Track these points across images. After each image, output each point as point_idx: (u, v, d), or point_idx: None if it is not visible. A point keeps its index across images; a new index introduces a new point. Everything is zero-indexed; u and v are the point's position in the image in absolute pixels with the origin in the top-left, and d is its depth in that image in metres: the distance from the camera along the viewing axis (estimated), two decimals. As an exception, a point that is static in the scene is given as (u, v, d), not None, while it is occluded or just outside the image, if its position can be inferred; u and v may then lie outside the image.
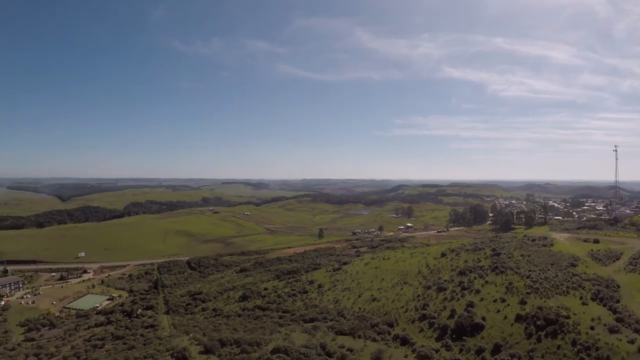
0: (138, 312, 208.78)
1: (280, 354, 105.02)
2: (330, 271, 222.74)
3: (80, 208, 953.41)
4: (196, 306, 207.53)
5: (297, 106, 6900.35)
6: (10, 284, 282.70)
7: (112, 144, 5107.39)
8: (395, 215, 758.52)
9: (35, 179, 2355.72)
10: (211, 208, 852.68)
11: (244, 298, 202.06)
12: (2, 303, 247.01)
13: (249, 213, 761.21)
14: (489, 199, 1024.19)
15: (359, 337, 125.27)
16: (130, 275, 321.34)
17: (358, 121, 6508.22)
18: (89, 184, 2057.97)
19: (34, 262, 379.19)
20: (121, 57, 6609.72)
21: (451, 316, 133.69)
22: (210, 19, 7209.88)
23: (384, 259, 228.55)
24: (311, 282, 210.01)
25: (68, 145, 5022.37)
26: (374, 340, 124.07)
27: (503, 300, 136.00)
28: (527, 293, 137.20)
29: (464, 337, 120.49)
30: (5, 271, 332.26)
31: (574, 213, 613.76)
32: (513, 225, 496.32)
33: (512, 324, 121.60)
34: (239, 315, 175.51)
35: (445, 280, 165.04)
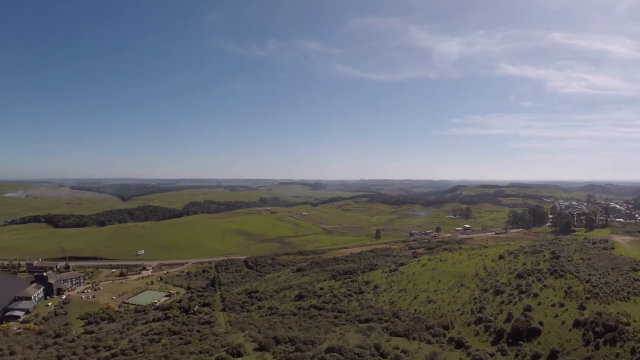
0: (195, 309, 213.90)
1: (334, 353, 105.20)
2: (386, 272, 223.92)
3: (140, 207, 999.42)
4: (252, 304, 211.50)
5: (354, 106, 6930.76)
6: (71, 279, 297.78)
7: (172, 145, 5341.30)
8: (452, 217, 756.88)
9: (97, 180, 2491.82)
10: (269, 208, 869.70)
11: (299, 297, 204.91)
12: (64, 297, 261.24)
13: (306, 213, 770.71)
14: (548, 200, 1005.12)
15: (414, 338, 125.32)
16: (188, 273, 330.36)
17: (415, 121, 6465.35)
18: (149, 184, 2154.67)
19: (95, 258, 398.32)
20: (179, 62, 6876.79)
21: (508, 320, 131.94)
22: (265, 21, 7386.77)
23: (440, 260, 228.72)
24: (367, 283, 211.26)
25: (129, 147, 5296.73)
26: (429, 342, 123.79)
27: (561, 305, 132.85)
28: (587, 298, 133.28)
29: (520, 342, 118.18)
30: (67, 267, 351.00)
31: (637, 215, 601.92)
32: (573, 228, 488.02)
33: (569, 330, 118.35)
34: (295, 314, 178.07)
35: (502, 283, 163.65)
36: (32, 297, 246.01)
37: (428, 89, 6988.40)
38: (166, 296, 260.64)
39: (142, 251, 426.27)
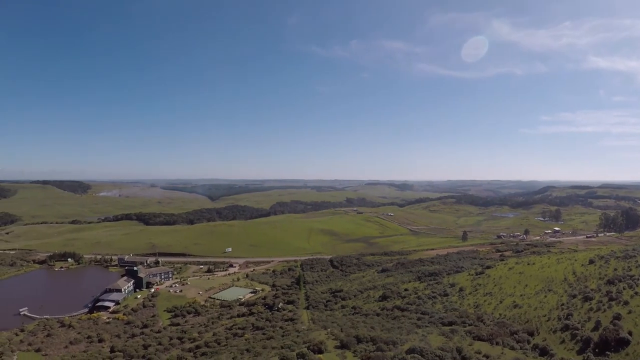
0: (279, 306, 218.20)
1: (415, 355, 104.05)
2: (472, 275, 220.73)
3: (228, 207, 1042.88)
4: (336, 303, 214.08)
5: (439, 105, 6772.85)
6: (160, 273, 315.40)
7: (259, 147, 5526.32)
8: (541, 219, 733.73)
9: (187, 180, 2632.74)
10: (355, 208, 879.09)
11: (383, 298, 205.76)
12: (152, 290, 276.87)
13: (392, 214, 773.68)
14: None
15: (497, 344, 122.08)
16: (274, 271, 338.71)
17: (502, 119, 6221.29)
18: (237, 184, 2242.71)
19: (184, 255, 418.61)
20: (263, 65, 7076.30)
21: (595, 328, 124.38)
22: (346, 22, 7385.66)
23: (528, 264, 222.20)
24: (452, 285, 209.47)
25: (218, 149, 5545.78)
26: (512, 348, 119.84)
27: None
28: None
29: (607, 352, 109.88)
30: (157, 262, 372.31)
31: None
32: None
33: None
34: (378, 315, 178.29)
35: (591, 289, 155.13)
36: (122, 290, 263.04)
37: (515, 85, 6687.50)
38: (251, 293, 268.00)
39: (230, 249, 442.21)
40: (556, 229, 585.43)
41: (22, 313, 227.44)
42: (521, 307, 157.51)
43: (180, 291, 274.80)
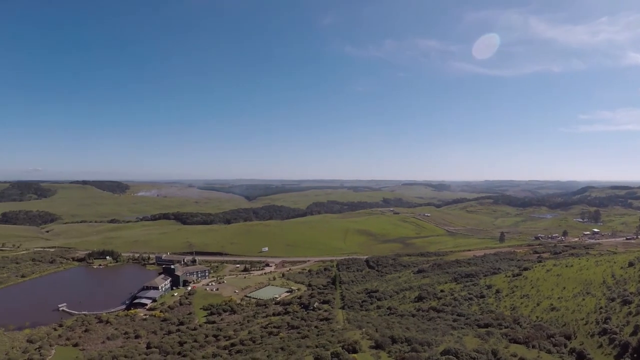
0: (315, 305, 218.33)
1: (450, 356, 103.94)
2: (509, 276, 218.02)
3: (265, 207, 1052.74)
4: (371, 303, 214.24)
5: (476, 104, 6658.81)
6: (197, 272, 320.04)
7: (296, 148, 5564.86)
8: (580, 220, 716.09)
9: (224, 181, 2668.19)
10: (391, 209, 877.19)
11: (419, 299, 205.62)
12: (189, 288, 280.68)
13: (429, 214, 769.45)
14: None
15: (533, 347, 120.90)
16: (310, 271, 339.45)
17: (540, 118, 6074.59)
18: (274, 185, 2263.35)
19: (220, 254, 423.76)
20: (298, 65, 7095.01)
21: (634, 333, 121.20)
22: (380, 21, 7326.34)
23: (566, 266, 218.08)
24: (489, 287, 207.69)
25: (256, 150, 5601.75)
26: (549, 352, 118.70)
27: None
28: None
29: None
30: (194, 261, 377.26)
31: None
32: None
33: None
34: (413, 315, 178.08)
35: (631, 293, 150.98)
36: (159, 287, 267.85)
37: (552, 83, 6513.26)
38: (287, 292, 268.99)
39: (266, 248, 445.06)
40: (595, 230, 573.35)
41: (61, 309, 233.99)
42: (558, 310, 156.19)
43: (217, 289, 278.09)
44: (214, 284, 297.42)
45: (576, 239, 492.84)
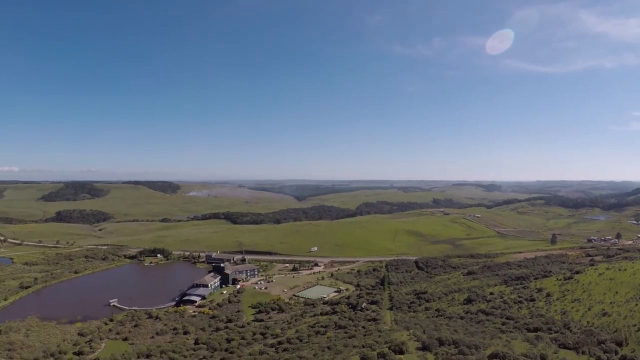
0: (363, 306, 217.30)
1: None
2: (560, 280, 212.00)
3: (315, 207, 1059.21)
4: (420, 305, 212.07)
5: (526, 102, 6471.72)
6: (246, 270, 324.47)
7: (346, 148, 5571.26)
8: (635, 222, 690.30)
9: (274, 181, 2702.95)
10: (441, 209, 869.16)
11: (468, 301, 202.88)
12: (238, 286, 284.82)
13: (479, 215, 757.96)
14: None
15: (583, 353, 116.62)
16: (358, 271, 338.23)
17: (591, 116, 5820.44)
18: (324, 185, 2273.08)
19: (270, 253, 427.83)
20: (346, 65, 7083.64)
21: None
22: (427, 20, 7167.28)
23: (619, 270, 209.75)
24: (539, 290, 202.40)
25: (306, 150, 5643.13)
26: (599, 358, 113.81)
27: None
28: None
29: None
30: (243, 260, 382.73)
31: None
32: None
33: None
34: (462, 318, 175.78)
35: None
36: (209, 285, 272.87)
37: (604, 79, 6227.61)
38: (335, 292, 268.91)
39: (315, 248, 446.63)
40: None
41: (112, 304, 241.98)
42: (610, 316, 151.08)
43: (265, 288, 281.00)
44: (262, 282, 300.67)
45: (630, 242, 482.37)
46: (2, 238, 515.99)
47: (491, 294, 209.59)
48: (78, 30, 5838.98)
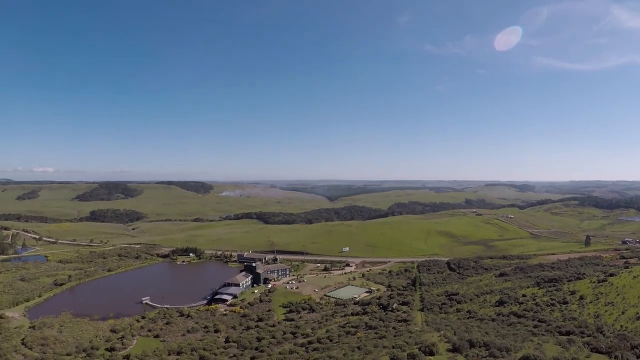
0: (394, 307, 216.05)
1: None
2: (594, 282, 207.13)
3: (346, 207, 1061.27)
4: (451, 306, 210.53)
5: (559, 100, 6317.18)
6: (278, 270, 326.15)
7: (378, 148, 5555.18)
8: None
9: (306, 181, 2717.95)
10: (474, 210, 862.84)
11: (500, 303, 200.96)
12: (269, 286, 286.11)
13: (512, 216, 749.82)
14: None
15: (616, 357, 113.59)
16: (390, 271, 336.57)
17: (625, 113, 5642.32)
18: (356, 185, 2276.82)
19: (301, 253, 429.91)
20: (375, 64, 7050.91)
21: None
22: (458, 18, 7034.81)
23: None
24: (572, 293, 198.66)
25: (337, 150, 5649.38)
26: None
27: None
28: None
29: None
30: (275, 259, 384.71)
31: None
32: None
33: None
34: (493, 320, 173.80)
35: None
36: (240, 284, 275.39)
37: (637, 76, 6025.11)
38: (366, 292, 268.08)
39: (347, 248, 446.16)
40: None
41: (144, 301, 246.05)
42: None
43: (297, 288, 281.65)
44: (294, 282, 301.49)
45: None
46: (37, 236, 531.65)
47: (523, 296, 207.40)
48: (115, 29, 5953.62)
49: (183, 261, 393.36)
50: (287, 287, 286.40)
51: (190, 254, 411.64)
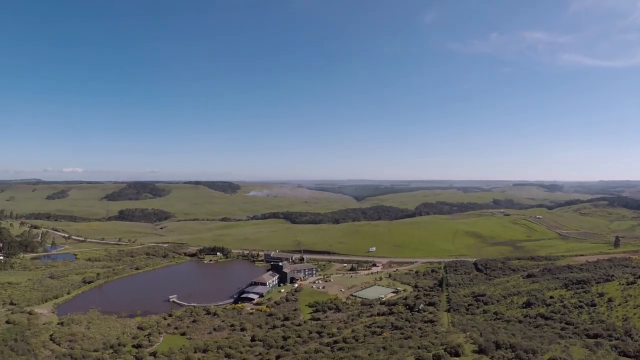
0: (420, 307, 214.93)
1: None
2: (623, 284, 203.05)
3: (373, 207, 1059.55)
4: (477, 307, 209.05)
5: (587, 98, 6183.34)
6: (304, 270, 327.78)
7: (405, 148, 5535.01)
8: None
9: (333, 181, 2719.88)
10: (502, 210, 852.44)
11: (527, 304, 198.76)
12: (296, 285, 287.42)
13: (540, 216, 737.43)
14: None
15: None
16: (416, 272, 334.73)
17: None
18: (383, 185, 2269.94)
19: (328, 253, 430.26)
20: (401, 63, 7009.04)
21: None
22: (484, 15, 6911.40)
23: None
24: (601, 295, 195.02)
25: (365, 150, 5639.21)
26: None
27: None
28: None
29: None
30: (302, 259, 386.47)
31: None
32: None
33: None
34: (520, 322, 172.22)
35: None
36: (267, 283, 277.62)
37: None
38: (393, 292, 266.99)
39: (374, 248, 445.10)
40: None
41: (171, 300, 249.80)
42: None
43: (323, 287, 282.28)
44: (320, 282, 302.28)
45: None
46: (66, 235, 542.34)
47: (551, 297, 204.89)
48: (142, 35, 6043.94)
49: (210, 260, 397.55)
50: (314, 286, 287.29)
51: (218, 253, 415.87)
